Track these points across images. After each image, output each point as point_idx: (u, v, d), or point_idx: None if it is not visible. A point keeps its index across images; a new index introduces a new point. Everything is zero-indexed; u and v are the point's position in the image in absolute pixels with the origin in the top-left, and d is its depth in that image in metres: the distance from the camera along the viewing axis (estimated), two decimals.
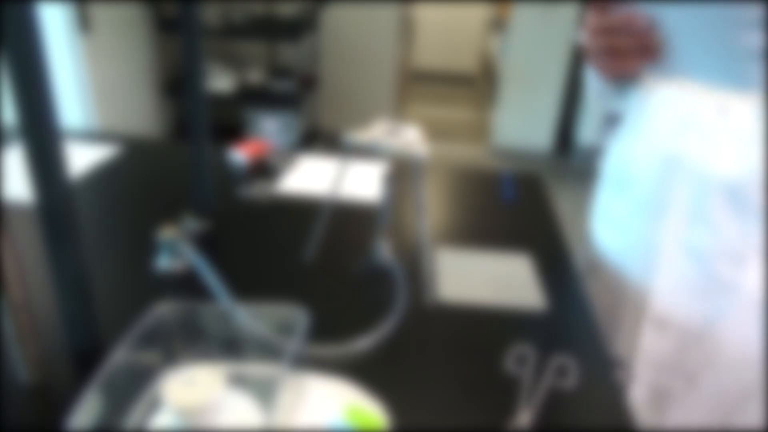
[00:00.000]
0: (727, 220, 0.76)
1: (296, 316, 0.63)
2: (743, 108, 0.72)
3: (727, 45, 0.70)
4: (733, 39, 0.69)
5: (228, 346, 0.66)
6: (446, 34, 5.66)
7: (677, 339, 0.82)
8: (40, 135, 0.56)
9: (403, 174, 0.87)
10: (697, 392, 0.82)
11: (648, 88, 0.81)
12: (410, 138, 0.81)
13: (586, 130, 3.85)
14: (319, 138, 3.75)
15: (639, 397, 0.85)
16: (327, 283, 0.85)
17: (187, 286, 0.80)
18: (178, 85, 3.30)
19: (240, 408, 0.58)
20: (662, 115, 0.80)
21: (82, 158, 1.19)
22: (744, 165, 0.73)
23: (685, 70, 0.76)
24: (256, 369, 0.65)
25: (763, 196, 0.73)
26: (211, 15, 3.19)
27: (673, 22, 0.74)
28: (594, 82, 0.89)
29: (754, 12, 0.66)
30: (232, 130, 3.35)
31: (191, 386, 0.53)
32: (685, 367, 0.82)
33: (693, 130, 0.76)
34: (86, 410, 0.51)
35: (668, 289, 0.82)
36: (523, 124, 3.97)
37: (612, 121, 0.96)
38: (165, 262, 0.83)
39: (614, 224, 0.90)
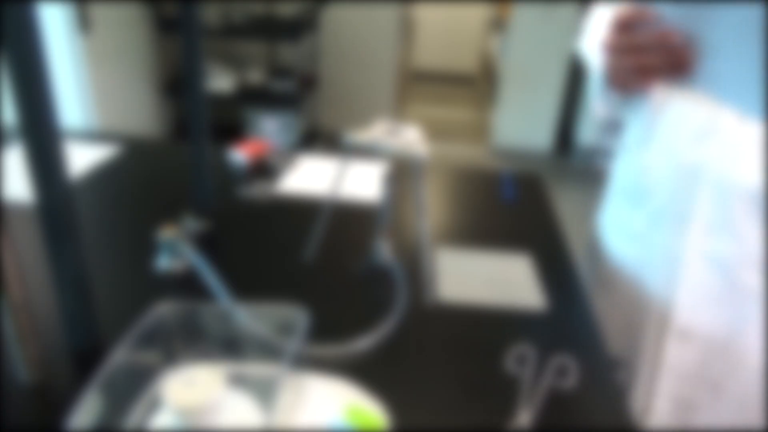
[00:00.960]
0: (751, 228, 0.75)
1: (296, 316, 0.63)
2: (764, 114, 0.70)
3: (750, 69, 0.69)
4: (756, 63, 0.68)
5: (228, 346, 0.66)
6: (446, 34, 5.66)
7: (701, 349, 0.81)
8: (40, 135, 0.56)
9: (403, 174, 0.87)
10: (721, 401, 0.81)
11: (659, 99, 0.79)
12: (410, 138, 0.81)
13: (586, 130, 3.85)
14: (319, 138, 3.74)
15: (662, 408, 0.84)
16: (327, 283, 0.85)
17: (187, 286, 0.80)
18: (178, 85, 3.30)
19: (240, 408, 0.58)
20: (680, 124, 0.78)
21: (82, 158, 1.19)
22: (766, 171, 0.72)
23: (703, 85, 0.74)
24: (256, 369, 0.65)
25: None
26: (211, 15, 3.19)
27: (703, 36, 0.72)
28: (599, 93, 0.87)
29: None
30: (232, 130, 3.35)
31: (191, 386, 0.53)
32: (710, 376, 0.82)
33: (713, 139, 0.74)
34: (86, 410, 0.51)
35: (692, 300, 0.80)
36: (523, 124, 3.97)
37: (612, 127, 0.94)
38: (165, 262, 0.83)
39: (631, 236, 0.88)
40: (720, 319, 0.80)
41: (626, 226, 0.89)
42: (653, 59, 0.75)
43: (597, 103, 0.90)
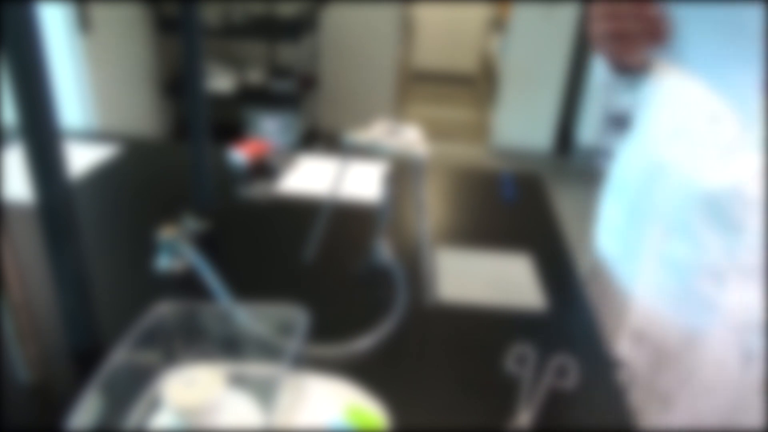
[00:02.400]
0: (710, 235, 0.74)
1: (296, 316, 0.63)
2: (736, 117, 0.71)
3: (730, 23, 0.70)
4: (736, 18, 0.69)
5: (228, 346, 0.66)
6: (446, 34, 5.65)
7: (653, 354, 0.81)
8: (40, 135, 0.56)
9: (403, 174, 0.86)
10: (671, 415, 0.82)
11: (654, 81, 0.80)
12: (410, 138, 0.81)
13: (586, 130, 3.85)
14: (319, 138, 3.74)
15: None
16: (327, 283, 0.85)
17: (187, 286, 0.80)
18: (178, 85, 3.30)
19: (240, 408, 0.58)
20: (657, 119, 0.79)
21: (82, 158, 1.19)
22: (729, 178, 0.72)
23: (689, 55, 0.75)
24: (256, 369, 0.65)
25: (757, 211, 0.71)
26: (211, 15, 3.19)
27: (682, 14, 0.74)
28: (602, 75, 0.89)
29: None
30: (232, 130, 3.35)
31: (191, 386, 0.53)
32: (661, 387, 0.82)
33: (683, 138, 0.75)
34: (86, 410, 0.51)
35: (647, 301, 0.81)
36: (523, 124, 3.97)
37: (617, 122, 0.97)
38: (165, 262, 0.83)
39: (611, 230, 0.90)
40: (673, 325, 0.79)
41: (609, 220, 0.92)
42: (631, 26, 0.76)
43: (598, 82, 0.91)
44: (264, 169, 1.21)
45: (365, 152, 0.80)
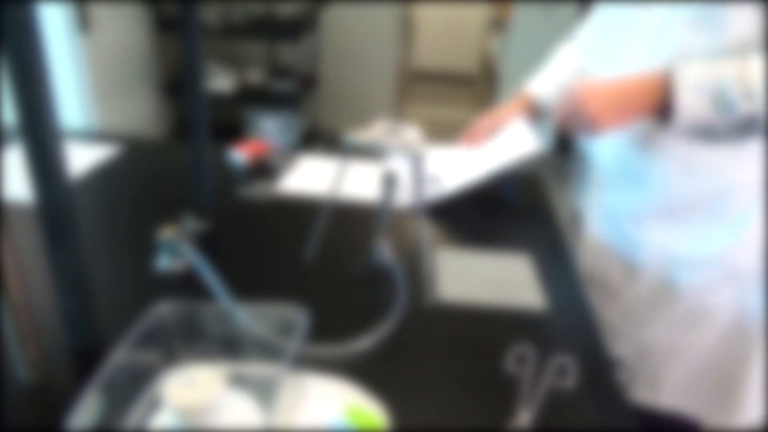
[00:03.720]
0: (624, 187, 0.91)
1: (296, 316, 0.63)
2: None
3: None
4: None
5: (228, 346, 0.66)
6: (446, 34, 5.65)
7: (601, 292, 0.96)
8: (40, 135, 0.56)
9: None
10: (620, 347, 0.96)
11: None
12: (410, 138, 0.81)
13: None
14: (319, 138, 3.74)
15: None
16: (327, 283, 0.85)
17: (187, 286, 0.80)
18: (178, 85, 3.30)
19: (240, 408, 0.58)
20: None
21: (82, 158, 1.19)
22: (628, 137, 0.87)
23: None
24: (256, 369, 0.65)
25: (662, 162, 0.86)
26: (211, 15, 3.18)
27: None
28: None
29: None
30: (232, 130, 3.35)
31: (191, 386, 0.53)
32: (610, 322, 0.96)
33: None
34: (86, 410, 0.51)
35: (593, 245, 0.99)
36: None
37: None
38: (165, 262, 0.83)
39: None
40: (612, 268, 0.95)
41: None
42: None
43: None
44: (264, 169, 1.21)
45: (365, 152, 0.80)
